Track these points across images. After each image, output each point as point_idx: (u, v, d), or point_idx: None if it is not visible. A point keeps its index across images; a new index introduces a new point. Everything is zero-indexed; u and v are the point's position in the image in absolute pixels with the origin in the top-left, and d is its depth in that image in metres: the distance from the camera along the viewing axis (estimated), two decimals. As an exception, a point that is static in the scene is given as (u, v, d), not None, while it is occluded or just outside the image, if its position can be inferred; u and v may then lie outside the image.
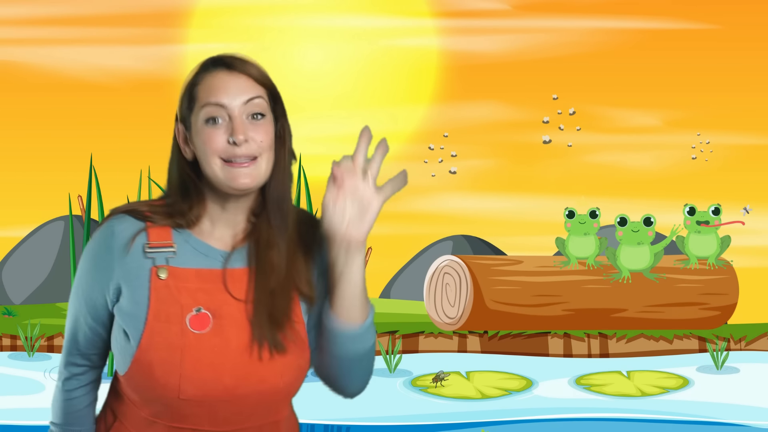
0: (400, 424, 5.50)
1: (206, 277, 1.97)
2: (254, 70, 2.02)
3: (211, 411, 1.96)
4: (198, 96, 1.98)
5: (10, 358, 6.73)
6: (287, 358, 1.99)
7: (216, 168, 1.95)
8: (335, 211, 1.93)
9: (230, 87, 1.98)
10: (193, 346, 1.94)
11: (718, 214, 7.29)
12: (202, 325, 1.95)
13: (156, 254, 1.97)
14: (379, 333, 6.94)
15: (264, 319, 1.96)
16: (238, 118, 1.95)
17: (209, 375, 1.94)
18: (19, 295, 8.19)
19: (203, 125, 1.96)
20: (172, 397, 1.94)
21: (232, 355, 1.95)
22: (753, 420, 5.59)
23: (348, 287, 1.96)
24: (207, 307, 1.96)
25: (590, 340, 7.06)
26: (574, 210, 7.23)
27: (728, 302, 7.31)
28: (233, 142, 1.94)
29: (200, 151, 1.96)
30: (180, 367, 1.93)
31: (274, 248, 1.97)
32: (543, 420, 5.63)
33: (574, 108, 8.42)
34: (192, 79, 2.01)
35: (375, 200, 1.97)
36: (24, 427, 5.32)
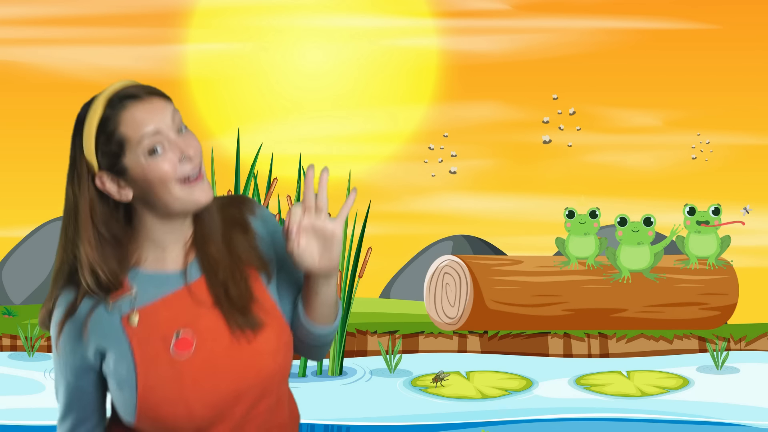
0: (400, 424, 5.50)
1: (174, 301, 2.01)
2: (154, 89, 2.00)
3: (225, 416, 2.01)
4: (127, 136, 1.94)
5: (10, 358, 6.73)
6: (267, 333, 2.04)
7: (177, 192, 1.95)
8: (304, 254, 2.01)
9: (153, 113, 1.95)
10: (187, 370, 1.98)
11: (718, 214, 7.29)
12: (186, 347, 1.99)
13: (119, 304, 1.99)
14: (379, 333, 6.94)
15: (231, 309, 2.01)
16: (176, 137, 1.97)
17: (210, 388, 1.99)
18: (19, 295, 8.19)
19: (147, 159, 1.94)
20: (185, 423, 1.99)
21: (222, 360, 2.00)
22: (753, 420, 5.59)
23: (324, 302, 2.08)
24: (186, 326, 1.99)
25: (590, 340, 7.06)
26: (574, 210, 7.23)
27: (728, 302, 7.31)
28: (186, 158, 1.95)
29: (153, 184, 1.95)
30: (183, 396, 1.97)
31: (210, 243, 2.02)
32: (543, 420, 5.63)
33: (574, 108, 8.42)
34: (103, 125, 1.95)
35: (335, 228, 2.03)
36: (24, 427, 5.33)
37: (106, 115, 1.94)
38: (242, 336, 2.01)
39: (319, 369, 6.45)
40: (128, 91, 1.96)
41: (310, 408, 5.47)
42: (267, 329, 2.04)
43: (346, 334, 6.53)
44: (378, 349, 6.84)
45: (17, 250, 8.38)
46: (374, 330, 6.94)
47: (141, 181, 1.96)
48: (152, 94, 1.97)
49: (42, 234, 8.37)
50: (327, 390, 6.05)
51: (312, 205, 2.01)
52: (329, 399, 5.88)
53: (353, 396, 6.00)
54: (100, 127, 1.94)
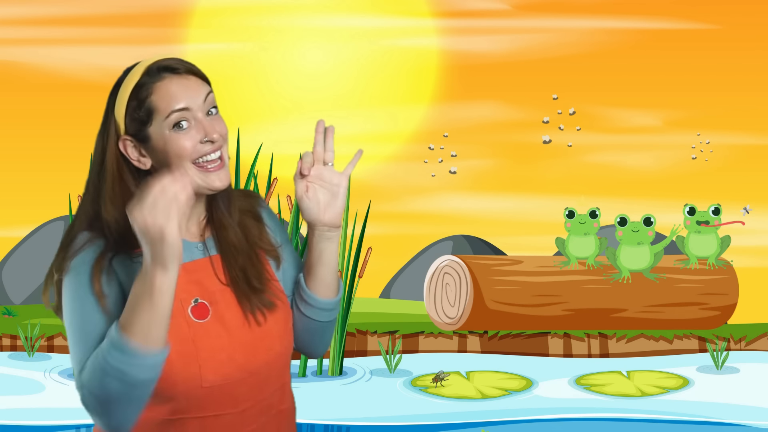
0: (400, 424, 5.51)
1: (194, 269, 2.04)
2: (195, 68, 2.05)
3: (231, 392, 2.02)
4: (157, 106, 1.98)
5: (10, 358, 6.73)
6: (278, 315, 2.09)
7: (191, 173, 1.99)
8: (309, 201, 2.11)
9: (187, 89, 2.00)
10: (202, 335, 2.00)
11: (718, 214, 7.29)
12: (202, 315, 2.01)
13: (142, 258, 1.98)
14: (379, 333, 6.94)
15: (247, 291, 2.06)
16: (204, 117, 2.00)
17: (224, 359, 2.01)
18: (19, 295, 8.19)
19: (170, 132, 1.98)
20: (195, 387, 1.99)
21: (235, 335, 2.03)
22: (753, 420, 5.59)
23: (325, 269, 2.14)
24: (202, 297, 2.02)
25: (590, 340, 7.06)
26: (574, 210, 7.23)
27: (728, 302, 7.31)
28: (207, 140, 1.99)
29: (170, 157, 1.98)
30: (197, 356, 1.98)
31: (228, 229, 2.08)
32: (543, 420, 5.63)
33: (574, 108, 8.42)
34: (137, 91, 1.99)
35: (341, 180, 2.13)
36: (24, 427, 5.33)
37: (141, 82, 1.99)
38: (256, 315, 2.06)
39: (319, 369, 6.45)
40: (169, 63, 2.01)
41: (310, 408, 5.47)
42: (278, 311, 2.10)
43: (346, 334, 6.53)
44: (378, 349, 6.84)
45: (17, 250, 8.38)
46: (374, 330, 6.94)
47: (160, 153, 1.99)
48: (191, 72, 2.02)
49: (42, 234, 8.37)
50: (327, 390, 6.05)
51: (321, 157, 2.12)
52: (329, 399, 5.88)
53: (353, 396, 6.01)
54: (133, 92, 1.99)
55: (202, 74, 2.04)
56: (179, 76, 2.01)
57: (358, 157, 2.13)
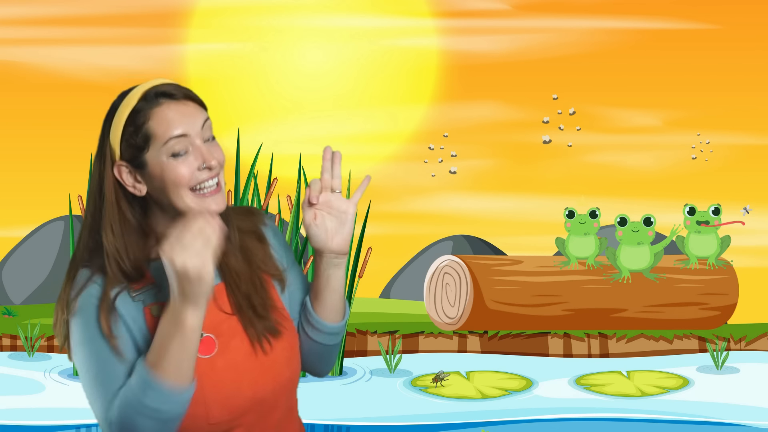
0: (400, 424, 5.51)
1: None
2: (192, 94, 2.01)
3: (241, 422, 2.02)
4: (155, 132, 1.94)
5: (10, 358, 6.73)
6: (284, 341, 2.07)
7: (187, 200, 1.96)
8: (318, 229, 2.08)
9: (185, 116, 1.96)
10: (208, 371, 1.98)
11: (718, 214, 7.29)
12: (209, 349, 2.00)
13: (143, 295, 1.98)
14: (379, 333, 6.94)
15: (252, 318, 2.03)
16: (202, 144, 1.97)
17: (230, 392, 1.99)
18: (19, 295, 8.19)
19: (168, 160, 1.95)
20: (203, 425, 1.98)
21: (242, 366, 2.01)
22: (753, 420, 5.59)
23: (332, 295, 2.12)
24: (207, 329, 2.00)
25: (590, 340, 7.06)
26: (574, 210, 7.23)
27: (728, 302, 7.31)
28: (205, 167, 1.96)
29: (167, 185, 1.95)
30: (203, 396, 1.97)
31: (230, 255, 2.04)
32: (543, 420, 5.63)
33: (574, 108, 8.42)
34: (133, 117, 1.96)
35: (349, 207, 2.10)
36: (24, 427, 5.33)
37: (138, 108, 1.95)
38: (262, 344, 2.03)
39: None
40: (166, 89, 1.97)
41: (310, 408, 5.47)
42: (284, 337, 2.07)
43: (346, 334, 6.53)
44: (378, 349, 6.84)
45: (17, 250, 8.38)
46: (374, 330, 6.94)
47: (157, 180, 1.96)
48: (188, 98, 1.98)
49: (42, 234, 8.37)
50: (327, 390, 6.05)
51: (328, 184, 2.08)
52: (329, 399, 5.88)
53: (353, 396, 6.01)
54: (130, 117, 1.95)
55: (199, 100, 2.01)
56: (176, 101, 1.97)
57: (365, 185, 2.10)
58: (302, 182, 6.55)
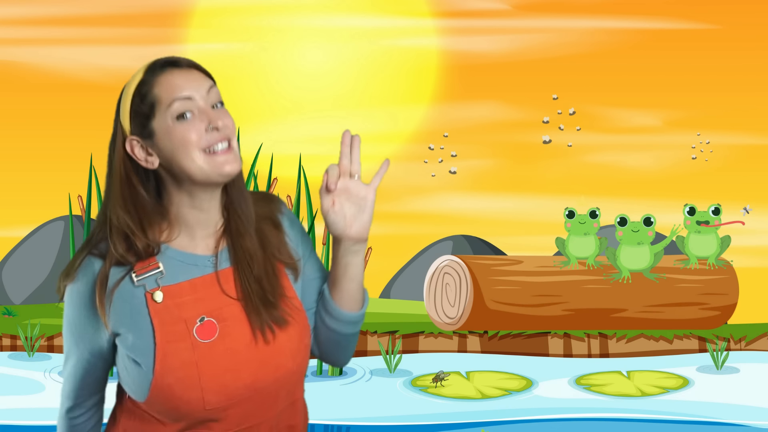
0: (400, 424, 5.50)
1: (201, 285, 2.00)
2: (197, 65, 2.03)
3: (238, 410, 2.00)
4: (159, 98, 1.96)
5: (10, 358, 6.73)
6: (291, 332, 2.04)
7: (199, 161, 1.96)
8: (336, 215, 2.03)
9: (189, 81, 1.98)
10: (206, 356, 1.97)
11: (718, 214, 7.29)
12: (209, 334, 1.98)
13: (145, 280, 1.98)
14: (379, 333, 6.94)
15: (258, 305, 2.01)
16: (207, 107, 1.98)
17: (228, 379, 1.98)
18: (19, 295, 8.19)
19: (174, 123, 1.95)
20: (199, 410, 1.98)
21: (243, 353, 1.99)
22: (753, 420, 5.59)
23: (350, 283, 2.08)
24: (209, 314, 1.99)
25: (590, 340, 7.06)
26: (574, 210, 7.23)
27: (728, 302, 7.31)
28: (212, 128, 1.96)
29: (176, 149, 1.96)
30: (199, 381, 1.96)
31: (245, 236, 2.02)
32: (543, 420, 5.63)
33: (574, 108, 8.42)
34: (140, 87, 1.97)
35: (368, 193, 2.07)
36: (24, 427, 5.33)
37: (144, 79, 1.97)
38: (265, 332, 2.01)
39: (319, 369, 6.45)
40: (170, 58, 2.00)
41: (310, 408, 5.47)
42: (291, 328, 2.04)
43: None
44: (378, 349, 6.84)
45: (17, 250, 8.37)
46: (374, 330, 6.94)
47: (166, 147, 1.95)
48: (193, 67, 2.00)
49: (42, 234, 8.37)
50: (327, 390, 6.05)
51: (347, 170, 2.04)
52: (329, 399, 5.88)
53: (353, 396, 6.00)
54: (136, 89, 1.97)
55: (205, 71, 2.02)
56: (180, 69, 1.99)
57: (385, 168, 2.08)
58: (302, 182, 6.55)
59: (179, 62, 2.00)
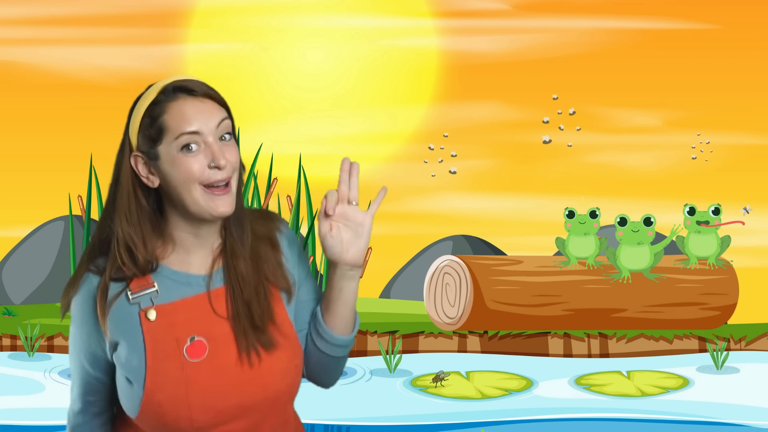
0: (400, 424, 5.50)
1: (193, 305, 2.02)
2: (213, 92, 2.03)
3: (227, 429, 2.03)
4: (168, 126, 1.97)
5: (10, 358, 6.73)
6: (279, 354, 2.06)
7: (197, 195, 1.98)
8: (333, 240, 2.06)
9: (201, 113, 1.98)
10: (195, 375, 1.99)
11: (718, 214, 7.29)
12: (199, 353, 2.00)
13: (140, 298, 2.00)
14: (379, 333, 6.94)
15: (247, 327, 2.02)
16: (215, 143, 1.99)
17: (216, 397, 2.00)
18: (19, 295, 8.19)
19: (178, 153, 1.97)
20: (187, 427, 2.00)
21: (232, 372, 2.02)
22: (753, 420, 5.59)
23: (344, 307, 2.10)
24: (200, 333, 2.01)
25: (590, 340, 7.06)
26: (574, 210, 7.23)
27: (728, 302, 7.31)
28: (215, 166, 1.97)
29: (176, 179, 1.98)
30: (187, 399, 1.98)
31: (239, 258, 2.04)
32: (543, 420, 5.63)
33: (574, 108, 8.42)
34: (151, 108, 1.99)
35: (365, 219, 2.08)
36: (24, 427, 5.33)
37: (156, 100, 1.98)
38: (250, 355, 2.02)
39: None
40: (186, 84, 1.99)
41: (310, 408, 5.46)
42: (279, 350, 2.06)
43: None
44: (378, 349, 6.84)
45: (17, 250, 8.37)
46: (374, 330, 6.94)
47: (168, 174, 1.98)
48: (208, 96, 2.00)
49: (42, 234, 8.37)
50: (327, 390, 6.04)
51: (345, 196, 2.07)
52: (329, 399, 5.87)
53: (353, 396, 6.00)
54: (148, 109, 1.98)
55: (220, 98, 2.03)
56: (194, 98, 1.99)
57: (382, 196, 2.10)
58: (302, 182, 6.56)
59: (194, 90, 2.00)
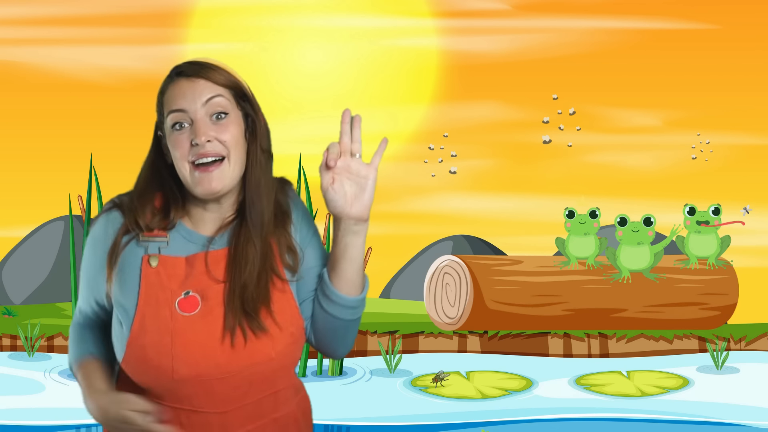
0: (400, 424, 5.50)
1: (194, 262, 2.05)
2: (213, 73, 2.07)
3: (207, 390, 2.02)
4: (164, 105, 2.07)
5: (10, 358, 6.73)
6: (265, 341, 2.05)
7: (186, 172, 2.04)
8: (336, 193, 2.04)
9: (188, 92, 2.04)
10: (183, 328, 2.01)
11: (718, 214, 7.29)
12: (191, 308, 2.02)
13: (149, 243, 2.05)
14: (379, 333, 6.94)
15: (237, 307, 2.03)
16: (201, 120, 2.03)
17: (200, 354, 2.01)
18: (19, 295, 8.19)
19: (171, 131, 2.05)
20: (167, 379, 2.01)
21: (218, 335, 2.02)
22: (753, 420, 5.59)
23: (350, 265, 2.07)
24: (195, 290, 2.03)
25: (590, 340, 7.06)
26: (574, 210, 7.23)
27: (728, 302, 7.31)
28: (195, 143, 2.02)
29: (173, 156, 2.06)
30: (171, 348, 2.00)
31: (249, 243, 2.05)
32: (543, 420, 5.63)
33: (574, 108, 8.42)
34: (160, 91, 2.10)
35: (369, 172, 2.07)
36: (24, 427, 5.33)
37: (164, 83, 2.09)
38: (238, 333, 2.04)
39: (319, 369, 6.45)
40: (183, 67, 2.08)
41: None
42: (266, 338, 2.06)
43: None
44: (378, 349, 6.84)
45: (17, 250, 8.37)
46: (374, 330, 6.94)
47: (169, 151, 2.08)
48: (200, 76, 2.05)
49: (42, 234, 8.37)
50: (327, 390, 6.05)
51: (347, 149, 2.06)
52: (329, 399, 5.88)
53: (353, 396, 6.00)
54: (159, 92, 2.10)
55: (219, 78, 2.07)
56: (187, 78, 2.06)
57: (383, 147, 2.09)
58: (302, 182, 6.55)
59: (187, 72, 2.07)
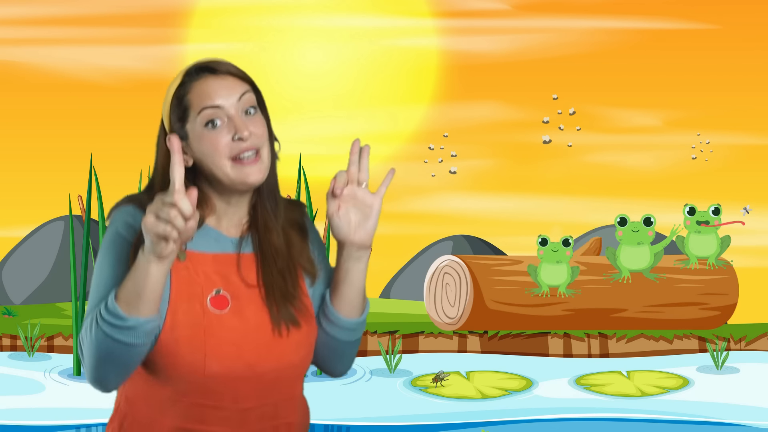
0: (400, 424, 5.51)
1: (222, 261, 2.07)
2: (234, 69, 2.10)
3: (234, 387, 2.04)
4: (191, 104, 2.05)
5: (10, 358, 6.73)
6: (301, 332, 2.10)
7: (226, 169, 2.04)
8: (340, 220, 2.10)
9: (221, 88, 2.05)
10: (215, 325, 2.02)
11: (718, 214, 7.29)
12: (221, 306, 2.04)
13: None
14: (379, 333, 6.94)
15: (278, 298, 2.07)
16: (236, 116, 2.05)
17: (232, 352, 2.03)
18: (19, 295, 8.19)
19: (203, 130, 2.04)
20: (198, 374, 2.02)
21: (252, 334, 2.05)
22: (753, 420, 5.60)
23: (350, 289, 2.13)
24: (225, 289, 2.05)
25: (590, 340, 7.06)
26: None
27: (728, 302, 7.31)
28: (238, 138, 2.03)
29: (206, 155, 2.04)
30: (204, 344, 2.01)
31: (272, 232, 2.09)
32: (543, 420, 5.63)
33: (574, 108, 8.42)
34: (178, 90, 2.06)
35: (374, 201, 2.13)
36: (24, 427, 5.33)
37: (183, 82, 2.06)
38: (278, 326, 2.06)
39: (318, 369, 6.45)
40: (208, 63, 2.08)
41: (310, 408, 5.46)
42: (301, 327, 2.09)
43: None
44: (378, 349, 6.84)
45: (17, 250, 8.38)
46: (374, 330, 6.94)
47: (198, 150, 2.05)
48: (229, 73, 2.07)
49: (42, 234, 8.37)
50: (327, 390, 6.05)
51: (355, 177, 2.10)
52: (329, 399, 5.88)
53: (353, 396, 6.01)
54: (176, 91, 2.06)
55: (243, 75, 2.09)
56: (215, 75, 2.06)
57: (390, 177, 2.12)
58: (302, 182, 6.55)
59: (216, 68, 2.07)
